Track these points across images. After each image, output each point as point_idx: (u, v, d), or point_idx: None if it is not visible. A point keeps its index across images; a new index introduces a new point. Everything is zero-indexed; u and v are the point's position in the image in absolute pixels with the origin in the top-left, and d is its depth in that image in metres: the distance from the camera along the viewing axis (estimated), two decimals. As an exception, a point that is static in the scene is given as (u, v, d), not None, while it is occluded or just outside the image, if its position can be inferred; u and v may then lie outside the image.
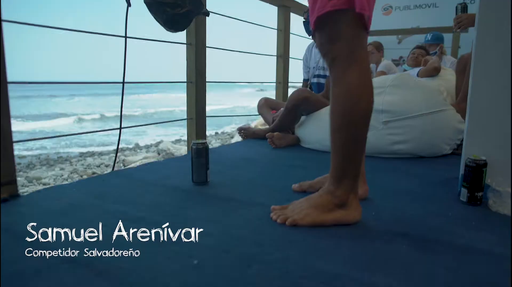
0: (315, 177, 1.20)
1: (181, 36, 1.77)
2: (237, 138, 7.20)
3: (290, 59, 2.54)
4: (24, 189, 4.61)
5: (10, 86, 1.12)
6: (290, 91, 3.70)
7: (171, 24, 1.52)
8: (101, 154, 10.10)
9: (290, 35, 2.54)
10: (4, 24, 1.07)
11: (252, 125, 9.26)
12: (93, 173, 5.62)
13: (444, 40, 3.51)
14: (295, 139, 2.04)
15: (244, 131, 2.21)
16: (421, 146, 1.75)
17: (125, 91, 1.59)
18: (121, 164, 5.76)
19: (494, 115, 1.18)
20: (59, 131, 13.39)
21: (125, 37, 1.49)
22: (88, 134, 13.41)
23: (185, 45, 1.76)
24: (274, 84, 2.47)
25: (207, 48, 1.79)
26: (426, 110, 1.74)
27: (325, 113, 1.87)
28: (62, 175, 5.75)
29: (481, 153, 1.18)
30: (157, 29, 1.55)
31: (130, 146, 11.23)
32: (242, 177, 1.38)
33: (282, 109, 2.21)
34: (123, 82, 1.59)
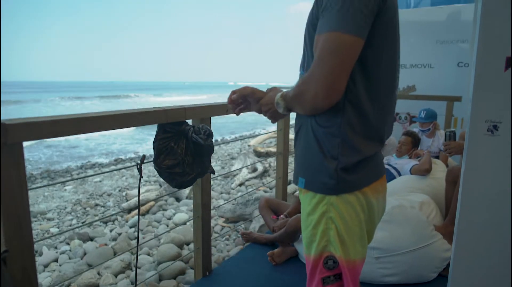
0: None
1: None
2: (238, 163, 7.34)
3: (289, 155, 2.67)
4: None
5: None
6: (290, 188, 3.82)
7: (179, 187, 1.65)
8: (101, 165, 10.20)
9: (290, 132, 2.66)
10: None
11: (251, 142, 9.35)
12: (96, 204, 5.77)
13: (438, 106, 3.63)
14: (294, 252, 2.19)
15: (246, 236, 2.37)
16: (409, 277, 1.91)
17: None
18: (125, 198, 5.88)
19: (481, 249, 1.29)
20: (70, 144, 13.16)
21: (138, 207, 1.61)
22: (88, 141, 13.38)
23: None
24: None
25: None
26: (415, 246, 1.89)
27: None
28: (66, 208, 5.87)
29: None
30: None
31: (131, 156, 11.32)
32: None
33: (282, 216, 2.36)
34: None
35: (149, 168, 8.50)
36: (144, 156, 1.56)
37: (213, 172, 1.74)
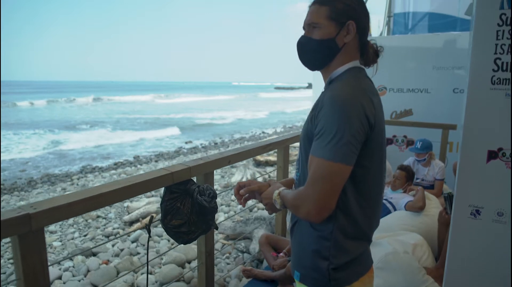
0: None
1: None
2: (238, 173, 7.45)
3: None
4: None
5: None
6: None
7: (184, 243, 1.75)
8: (101, 170, 10.27)
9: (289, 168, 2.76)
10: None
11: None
12: (97, 216, 5.87)
13: (434, 131, 3.74)
14: (293, 289, 2.30)
15: (247, 273, 2.48)
16: (402, 322, 2.02)
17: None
18: (126, 211, 5.98)
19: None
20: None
21: (147, 258, 1.72)
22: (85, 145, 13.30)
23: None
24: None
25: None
26: (407, 292, 2.00)
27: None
28: (67, 220, 5.95)
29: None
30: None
31: (130, 159, 11.38)
32: None
33: (282, 254, 2.47)
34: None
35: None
36: (152, 217, 1.67)
37: (217, 228, 1.84)
